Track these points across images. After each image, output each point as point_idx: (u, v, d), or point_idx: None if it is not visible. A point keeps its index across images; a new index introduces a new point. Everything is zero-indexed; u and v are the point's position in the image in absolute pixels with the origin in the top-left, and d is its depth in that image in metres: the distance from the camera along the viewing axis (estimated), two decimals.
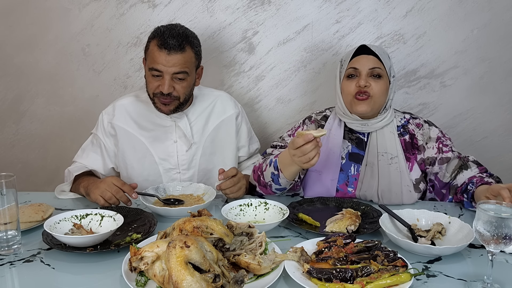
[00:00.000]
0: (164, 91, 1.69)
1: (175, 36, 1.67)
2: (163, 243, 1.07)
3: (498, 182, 1.60)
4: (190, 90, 1.79)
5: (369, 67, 1.64)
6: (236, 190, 1.65)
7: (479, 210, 1.08)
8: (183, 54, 1.68)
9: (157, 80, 1.71)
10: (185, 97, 1.76)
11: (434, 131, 1.73)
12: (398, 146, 1.69)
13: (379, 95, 1.65)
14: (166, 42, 1.66)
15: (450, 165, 1.68)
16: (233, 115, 1.95)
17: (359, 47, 1.68)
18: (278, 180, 1.59)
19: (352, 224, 1.39)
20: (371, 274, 1.07)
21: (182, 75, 1.70)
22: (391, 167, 1.68)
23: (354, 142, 1.74)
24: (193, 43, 1.74)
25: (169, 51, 1.66)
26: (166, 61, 1.67)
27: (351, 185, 1.72)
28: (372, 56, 1.65)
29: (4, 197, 1.23)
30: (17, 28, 2.32)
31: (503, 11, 2.06)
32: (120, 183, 1.56)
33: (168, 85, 1.69)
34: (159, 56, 1.67)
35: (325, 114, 1.83)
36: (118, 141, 1.85)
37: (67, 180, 1.80)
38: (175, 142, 1.86)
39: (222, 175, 1.62)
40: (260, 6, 2.17)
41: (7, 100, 2.42)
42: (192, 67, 1.74)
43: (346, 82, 1.69)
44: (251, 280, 1.10)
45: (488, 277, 1.10)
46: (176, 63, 1.67)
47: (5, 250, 1.25)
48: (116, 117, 1.86)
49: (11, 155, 2.49)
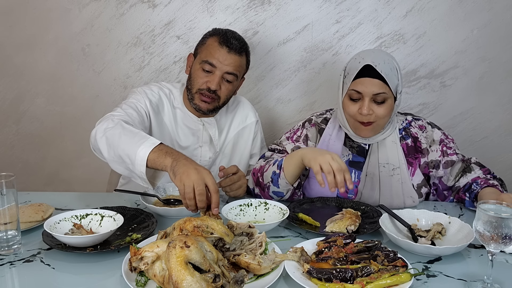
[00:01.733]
0: (213, 87, 1.69)
1: (238, 39, 1.72)
2: (163, 243, 1.07)
3: (501, 184, 1.59)
4: (231, 96, 1.81)
5: (373, 93, 1.52)
6: (236, 188, 1.64)
7: (479, 210, 1.08)
8: (240, 57, 1.72)
9: (206, 76, 1.71)
10: (225, 100, 1.77)
11: (437, 133, 1.69)
12: (400, 156, 1.65)
13: (383, 118, 1.58)
14: (229, 41, 1.70)
15: (454, 168, 1.66)
16: (253, 123, 1.96)
17: (364, 66, 1.53)
18: (277, 180, 1.57)
19: (352, 224, 1.39)
20: (371, 274, 1.07)
21: (232, 77, 1.72)
22: (393, 179, 1.64)
23: (355, 150, 1.70)
24: (248, 52, 1.79)
25: (230, 49, 1.69)
26: (224, 58, 1.69)
27: (351, 192, 1.69)
28: (377, 80, 1.52)
29: (4, 197, 1.23)
30: (17, 28, 2.32)
31: (503, 11, 2.06)
32: (213, 188, 1.25)
33: (218, 82, 1.70)
34: (219, 51, 1.69)
35: (325, 116, 1.79)
36: (151, 122, 1.74)
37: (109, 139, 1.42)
38: (200, 147, 1.85)
39: (222, 172, 1.61)
40: (260, 6, 2.17)
41: (7, 100, 2.42)
42: (241, 73, 1.78)
43: (348, 102, 1.59)
44: (251, 280, 1.10)
45: (488, 277, 1.10)
46: (232, 63, 1.70)
47: (5, 250, 1.25)
48: (160, 98, 1.79)
49: (11, 155, 2.50)
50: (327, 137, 1.72)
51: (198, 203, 1.24)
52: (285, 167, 1.54)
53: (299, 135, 1.77)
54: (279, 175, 1.56)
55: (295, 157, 1.52)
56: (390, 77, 1.53)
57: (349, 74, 1.58)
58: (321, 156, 1.40)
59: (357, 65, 1.55)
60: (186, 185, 1.23)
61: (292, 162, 1.53)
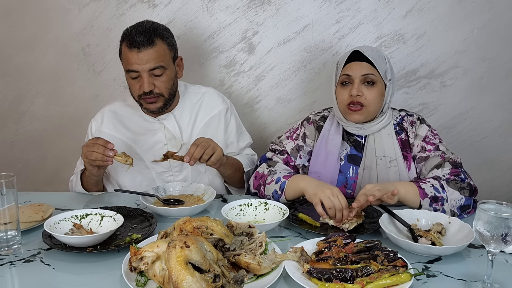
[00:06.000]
0: (145, 90, 1.66)
1: (142, 32, 1.64)
2: (163, 243, 1.07)
3: (461, 188, 1.50)
4: (173, 84, 1.75)
5: (361, 74, 1.61)
6: (212, 150, 1.61)
7: (479, 210, 1.08)
8: (154, 48, 1.64)
9: (137, 82, 1.68)
10: (169, 91, 1.72)
11: (423, 129, 1.69)
12: (396, 148, 1.68)
13: (373, 103, 1.62)
14: (134, 41, 1.63)
15: (428, 163, 1.62)
16: (222, 111, 1.90)
17: (353, 52, 1.64)
18: (278, 199, 1.62)
19: (347, 222, 1.40)
20: (371, 274, 1.07)
21: (159, 70, 1.67)
22: (390, 171, 1.66)
23: (353, 144, 1.73)
24: (163, 34, 1.69)
25: (139, 48, 1.63)
26: (139, 59, 1.63)
27: (350, 187, 1.72)
28: (366, 63, 1.61)
29: (4, 197, 1.23)
30: (17, 28, 2.32)
31: (503, 11, 2.06)
32: (99, 141, 1.54)
33: (148, 83, 1.65)
34: (131, 56, 1.64)
35: (323, 114, 1.82)
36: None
37: (74, 184, 1.79)
38: (165, 145, 1.82)
39: (187, 157, 1.59)
40: (260, 6, 2.17)
41: (7, 100, 2.42)
42: (167, 59, 1.70)
43: (340, 89, 1.67)
44: (251, 280, 1.10)
45: (488, 277, 1.10)
46: (149, 59, 1.64)
47: (5, 250, 1.25)
48: (104, 124, 1.83)
49: (11, 155, 2.50)
50: (326, 133, 1.75)
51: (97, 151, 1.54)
52: (287, 192, 1.59)
53: (298, 133, 1.80)
54: (280, 195, 1.61)
55: (297, 187, 1.56)
56: (377, 62, 1.62)
57: (339, 63, 1.69)
58: (321, 192, 1.44)
59: (346, 54, 1.66)
60: (85, 156, 1.57)
61: (293, 189, 1.58)
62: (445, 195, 1.48)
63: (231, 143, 1.95)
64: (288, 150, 1.77)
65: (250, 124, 2.28)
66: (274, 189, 1.62)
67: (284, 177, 1.62)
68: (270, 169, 1.70)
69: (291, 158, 1.76)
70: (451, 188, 1.49)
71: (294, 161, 1.76)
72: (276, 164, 1.74)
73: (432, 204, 1.47)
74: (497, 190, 2.22)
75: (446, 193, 1.48)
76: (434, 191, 1.48)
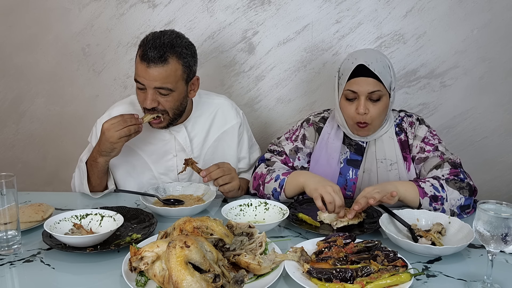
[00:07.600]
0: (147, 106, 1.58)
1: (157, 47, 1.52)
2: (163, 243, 1.07)
3: (461, 188, 1.49)
4: (180, 104, 1.64)
5: (368, 91, 1.55)
6: (230, 180, 1.59)
7: (479, 210, 1.08)
8: (164, 67, 1.53)
9: (143, 93, 1.59)
10: (174, 111, 1.63)
11: (422, 130, 1.68)
12: (397, 151, 1.67)
13: (378, 118, 1.60)
14: (146, 54, 1.52)
15: (428, 164, 1.62)
16: (235, 126, 1.84)
17: (358, 66, 1.56)
18: (278, 197, 1.62)
19: (337, 220, 1.42)
20: (371, 274, 1.07)
21: (165, 90, 1.56)
22: (391, 173, 1.65)
23: (353, 148, 1.71)
24: (180, 53, 1.56)
25: (148, 63, 1.52)
26: (147, 74, 1.53)
27: (350, 189, 1.71)
28: (372, 79, 1.55)
29: (4, 197, 1.23)
30: (17, 28, 2.32)
31: (503, 11, 2.06)
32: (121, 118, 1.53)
33: (151, 99, 1.56)
34: (140, 68, 1.55)
35: (323, 115, 1.80)
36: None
37: (77, 183, 1.74)
38: (175, 156, 1.76)
39: (204, 172, 1.57)
40: (260, 6, 2.17)
41: (7, 100, 2.42)
42: (177, 81, 1.58)
43: (345, 103, 1.62)
44: (251, 280, 1.10)
45: (488, 277, 1.10)
46: (156, 77, 1.53)
47: (5, 250, 1.25)
48: None
49: (11, 155, 2.50)
50: (326, 136, 1.74)
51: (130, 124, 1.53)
52: (286, 188, 1.59)
53: (297, 135, 1.79)
54: (280, 193, 1.61)
55: (296, 183, 1.56)
56: (383, 75, 1.56)
57: (343, 75, 1.61)
58: (323, 187, 1.44)
59: (351, 66, 1.58)
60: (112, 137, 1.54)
61: (293, 185, 1.58)
62: (444, 194, 1.48)
63: (243, 159, 1.90)
64: (287, 151, 1.76)
65: (250, 124, 2.27)
66: (273, 187, 1.62)
67: (283, 174, 1.62)
68: (269, 168, 1.70)
69: (289, 159, 1.76)
70: (451, 188, 1.49)
71: (293, 162, 1.75)
72: (274, 164, 1.74)
73: (431, 203, 1.47)
74: (497, 190, 2.22)
75: (445, 193, 1.48)
76: (433, 190, 1.48)
